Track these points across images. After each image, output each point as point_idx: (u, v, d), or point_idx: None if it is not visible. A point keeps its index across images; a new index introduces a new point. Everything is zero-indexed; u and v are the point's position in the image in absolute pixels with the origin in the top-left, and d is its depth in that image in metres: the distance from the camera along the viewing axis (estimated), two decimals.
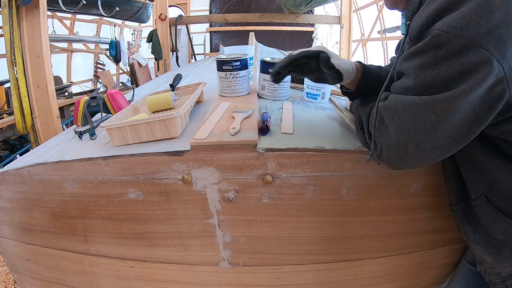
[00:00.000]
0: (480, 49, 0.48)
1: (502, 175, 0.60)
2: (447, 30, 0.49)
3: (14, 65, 2.61)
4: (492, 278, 0.69)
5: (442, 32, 0.50)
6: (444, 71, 0.51)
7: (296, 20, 5.27)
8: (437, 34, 0.50)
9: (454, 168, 0.69)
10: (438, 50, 0.51)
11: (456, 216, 0.72)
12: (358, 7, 5.39)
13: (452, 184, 0.72)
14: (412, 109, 0.54)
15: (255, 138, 0.73)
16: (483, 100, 0.50)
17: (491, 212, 0.62)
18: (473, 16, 0.48)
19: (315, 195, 0.76)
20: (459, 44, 0.49)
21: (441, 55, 0.51)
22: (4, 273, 1.88)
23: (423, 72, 0.53)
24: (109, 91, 1.05)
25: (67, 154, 0.82)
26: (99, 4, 4.07)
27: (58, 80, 4.49)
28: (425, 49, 0.53)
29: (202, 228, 0.80)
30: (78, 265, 0.91)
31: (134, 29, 7.20)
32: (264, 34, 5.97)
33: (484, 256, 0.68)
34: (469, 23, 0.48)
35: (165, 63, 5.27)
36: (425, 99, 0.53)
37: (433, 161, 0.57)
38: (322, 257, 0.84)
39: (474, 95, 0.50)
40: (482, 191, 0.64)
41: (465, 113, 0.51)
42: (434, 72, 0.52)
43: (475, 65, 0.48)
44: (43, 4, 2.63)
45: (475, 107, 0.51)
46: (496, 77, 0.49)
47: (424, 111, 0.53)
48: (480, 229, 0.67)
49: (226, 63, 1.00)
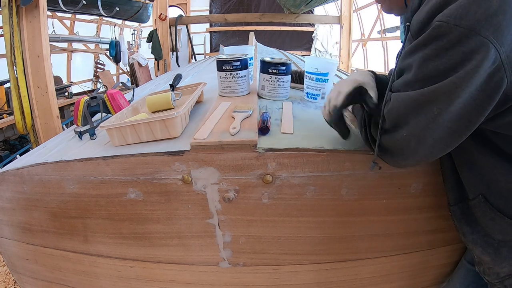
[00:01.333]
0: (479, 36, 0.48)
1: (500, 174, 0.60)
2: (447, 20, 0.50)
3: (14, 65, 2.61)
4: (490, 278, 0.69)
5: (442, 22, 0.50)
6: (446, 62, 0.51)
7: (296, 20, 5.27)
8: (438, 25, 0.51)
9: (452, 169, 0.70)
10: (439, 40, 0.51)
11: (454, 217, 0.72)
12: (358, 7, 5.40)
13: (450, 185, 0.72)
14: (414, 104, 0.54)
15: (255, 138, 0.73)
16: (482, 89, 0.51)
17: (489, 211, 0.62)
18: (472, 5, 0.49)
19: (315, 195, 0.76)
20: (459, 33, 0.49)
21: (442, 46, 0.51)
22: (4, 273, 1.88)
23: (425, 64, 0.53)
24: (109, 91, 1.05)
25: (67, 154, 0.82)
26: (99, 4, 4.07)
27: (58, 80, 4.49)
28: (426, 41, 0.53)
29: (202, 228, 0.80)
30: (78, 265, 0.91)
31: (134, 29, 7.20)
32: (264, 34, 5.97)
33: (483, 256, 0.68)
34: (468, 12, 0.48)
35: (165, 63, 5.27)
36: (426, 93, 0.53)
37: (434, 156, 0.57)
38: (322, 257, 0.84)
39: (473, 84, 0.50)
40: (480, 191, 0.64)
41: (465, 104, 0.52)
42: (436, 63, 0.52)
43: (474, 52, 0.49)
44: (43, 4, 2.63)
45: (475, 97, 0.51)
46: (494, 65, 0.50)
47: (426, 105, 0.53)
48: (478, 229, 0.67)
49: (226, 63, 1.00)
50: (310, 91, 1.07)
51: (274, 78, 1.03)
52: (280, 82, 1.03)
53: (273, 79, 1.03)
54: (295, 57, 2.93)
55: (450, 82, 0.51)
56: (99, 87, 5.86)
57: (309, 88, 1.08)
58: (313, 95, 1.07)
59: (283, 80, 1.04)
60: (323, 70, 1.02)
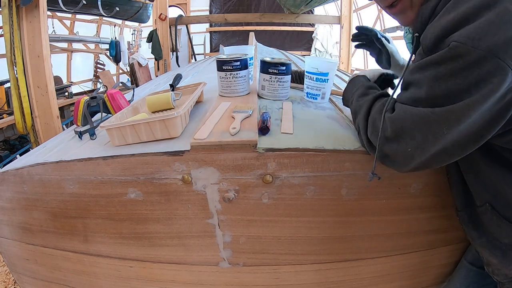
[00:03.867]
0: (497, 59, 0.47)
1: (507, 185, 0.60)
2: (465, 42, 0.49)
3: (14, 65, 2.61)
4: (499, 278, 0.70)
5: (459, 43, 0.49)
6: (460, 82, 0.50)
7: (296, 20, 5.27)
8: (455, 45, 0.50)
9: (459, 175, 0.70)
10: (455, 61, 0.50)
11: (462, 222, 0.73)
12: (358, 7, 5.39)
13: (457, 191, 0.72)
14: (423, 122, 0.53)
15: (255, 138, 0.73)
16: (493, 109, 0.50)
17: (496, 219, 0.63)
18: (491, 27, 0.47)
19: (315, 195, 0.76)
20: (477, 55, 0.48)
21: (457, 66, 0.50)
22: (4, 273, 1.88)
23: (438, 83, 0.52)
24: (109, 91, 1.05)
25: (67, 154, 0.82)
26: (99, 4, 4.07)
27: (58, 80, 4.49)
28: (440, 61, 0.52)
29: (202, 228, 0.80)
30: (78, 265, 0.91)
31: (134, 29, 7.20)
32: (264, 34, 5.96)
33: (490, 258, 0.68)
34: (487, 34, 0.47)
35: (165, 63, 5.27)
36: (437, 112, 0.52)
37: (437, 165, 0.57)
38: (322, 257, 0.84)
39: (486, 106, 0.50)
40: (486, 199, 0.64)
41: (475, 122, 0.51)
42: (449, 83, 0.51)
43: (491, 75, 0.48)
44: (43, 4, 2.63)
45: (485, 116, 0.51)
46: (508, 87, 0.49)
47: (436, 124, 0.52)
48: (485, 234, 0.67)
49: (226, 63, 1.00)
50: (310, 91, 1.07)
51: (274, 78, 1.03)
52: (280, 82, 1.03)
53: (273, 79, 1.03)
54: (295, 57, 2.93)
55: (464, 104, 0.50)
56: (99, 87, 5.86)
57: (309, 88, 1.07)
58: (313, 95, 1.07)
59: (283, 80, 1.04)
60: (323, 70, 1.02)
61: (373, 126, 0.62)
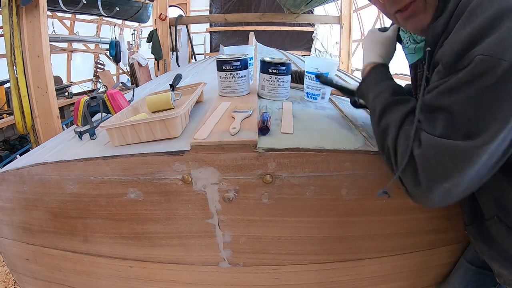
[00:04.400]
0: None
1: None
2: (490, 54, 0.47)
3: (14, 65, 2.61)
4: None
5: (486, 56, 0.47)
6: (490, 100, 0.48)
7: (296, 20, 5.27)
8: (481, 59, 0.48)
9: None
10: (483, 77, 0.48)
11: (470, 235, 0.73)
12: (358, 7, 5.39)
13: (465, 207, 0.72)
14: (463, 158, 0.51)
15: (255, 138, 0.73)
16: None
17: (505, 231, 0.63)
18: None
19: (315, 195, 0.76)
20: (504, 67, 0.47)
21: (487, 83, 0.48)
22: (4, 273, 1.88)
23: (471, 107, 0.50)
24: (109, 91, 1.05)
25: (67, 154, 0.82)
26: (99, 4, 4.07)
27: (58, 80, 4.49)
28: (469, 79, 0.49)
29: (202, 228, 0.80)
30: (78, 265, 0.91)
31: (134, 29, 7.20)
32: (264, 34, 5.96)
33: (501, 270, 0.68)
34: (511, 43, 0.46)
35: (165, 63, 5.27)
36: (479, 145, 0.49)
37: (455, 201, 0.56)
38: (322, 257, 0.84)
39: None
40: (495, 212, 0.64)
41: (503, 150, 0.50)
42: (481, 104, 0.49)
43: None
44: (43, 4, 2.63)
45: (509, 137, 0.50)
46: None
47: (477, 158, 0.50)
48: (495, 246, 0.67)
49: (226, 63, 1.00)
50: (310, 91, 1.07)
51: (274, 78, 1.03)
52: (280, 82, 1.03)
53: (273, 79, 1.03)
54: (295, 57, 2.93)
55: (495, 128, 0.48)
56: (99, 87, 5.86)
57: (309, 88, 1.07)
58: (313, 95, 1.07)
59: (283, 80, 1.04)
60: (323, 70, 1.02)
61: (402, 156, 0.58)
